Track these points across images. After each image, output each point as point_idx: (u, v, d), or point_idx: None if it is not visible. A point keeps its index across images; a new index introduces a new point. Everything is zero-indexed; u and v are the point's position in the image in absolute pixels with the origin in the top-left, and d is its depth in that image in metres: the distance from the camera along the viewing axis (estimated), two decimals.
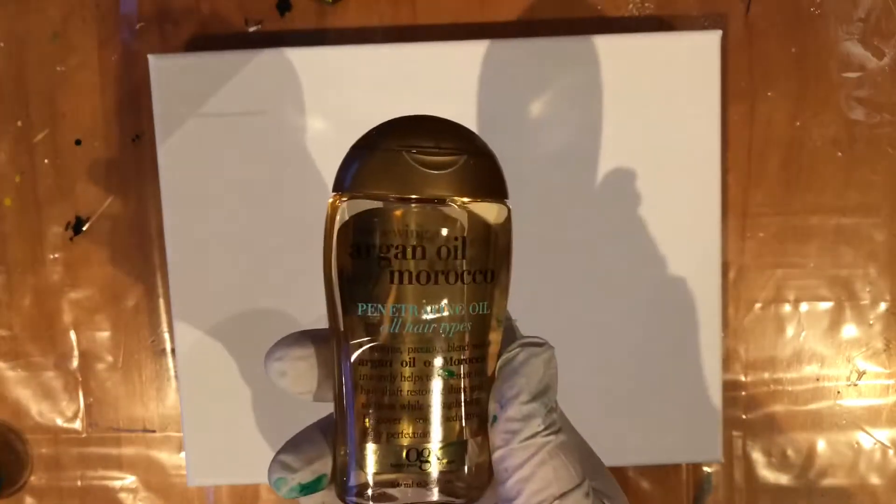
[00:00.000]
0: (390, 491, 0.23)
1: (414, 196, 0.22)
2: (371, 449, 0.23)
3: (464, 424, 0.23)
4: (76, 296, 0.50)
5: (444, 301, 0.22)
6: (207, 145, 0.46)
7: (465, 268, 0.23)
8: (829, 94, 0.49)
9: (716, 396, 0.47)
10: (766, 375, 0.50)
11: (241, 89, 0.45)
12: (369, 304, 0.22)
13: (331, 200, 0.24)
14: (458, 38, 0.46)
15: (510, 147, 0.46)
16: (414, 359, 0.22)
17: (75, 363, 0.50)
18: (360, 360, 0.23)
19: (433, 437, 0.23)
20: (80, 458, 0.51)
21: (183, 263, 0.46)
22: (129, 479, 0.51)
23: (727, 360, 0.50)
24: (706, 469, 0.50)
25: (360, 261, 0.23)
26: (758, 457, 0.50)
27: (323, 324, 0.25)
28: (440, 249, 0.22)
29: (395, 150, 0.22)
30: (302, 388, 0.25)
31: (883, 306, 0.50)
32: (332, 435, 0.25)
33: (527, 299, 0.46)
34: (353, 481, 0.23)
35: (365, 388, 0.23)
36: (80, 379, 0.50)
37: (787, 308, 0.50)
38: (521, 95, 0.46)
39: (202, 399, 0.47)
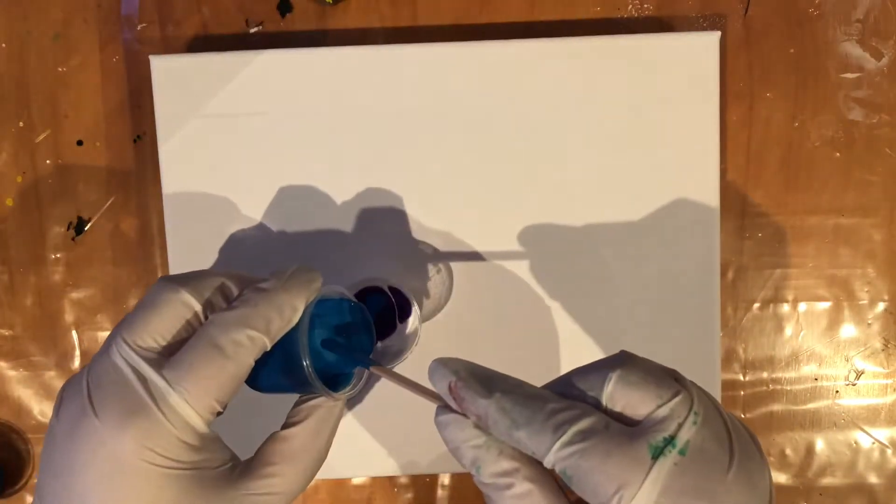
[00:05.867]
0: None
1: None
2: None
3: None
4: (78, 296, 0.50)
5: None
6: (208, 146, 0.46)
7: None
8: (827, 95, 0.49)
9: (714, 396, 0.47)
10: (765, 375, 0.50)
11: (243, 90, 0.46)
12: None
13: None
14: (459, 40, 0.46)
15: (510, 147, 0.46)
16: None
17: (77, 363, 0.51)
18: None
19: None
20: None
21: (184, 263, 0.46)
22: None
23: (726, 360, 0.50)
24: None
25: None
26: None
27: None
28: None
29: None
30: None
31: (881, 306, 0.50)
32: None
33: (526, 299, 0.47)
34: None
35: None
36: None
37: (785, 308, 0.50)
38: (521, 96, 0.46)
39: None
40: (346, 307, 0.35)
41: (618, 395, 0.25)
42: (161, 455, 0.27)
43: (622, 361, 0.26)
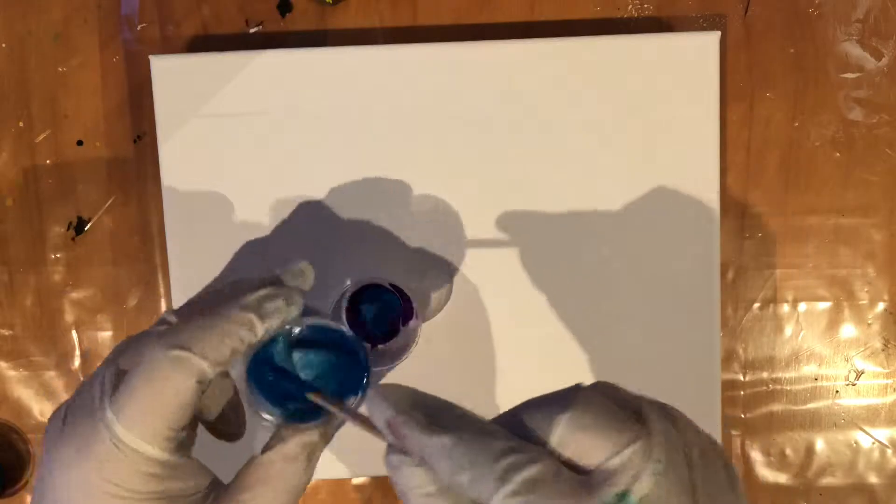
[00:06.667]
0: None
1: None
2: None
3: None
4: (78, 296, 0.50)
5: None
6: (208, 145, 0.46)
7: None
8: (827, 95, 0.49)
9: (714, 396, 0.47)
10: (765, 375, 0.50)
11: (243, 90, 0.46)
12: None
13: None
14: (459, 40, 0.46)
15: (510, 147, 0.46)
16: None
17: (77, 363, 0.51)
18: None
19: None
20: None
21: (184, 263, 0.46)
22: None
23: (726, 360, 0.50)
24: None
25: None
26: (756, 456, 0.51)
27: None
28: None
29: None
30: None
31: (881, 306, 0.50)
32: None
33: (525, 299, 0.47)
34: None
35: None
36: (82, 379, 0.50)
37: (785, 308, 0.50)
38: (522, 96, 0.46)
39: None
40: (328, 336, 0.33)
41: (568, 439, 0.22)
42: (120, 486, 0.27)
43: (575, 400, 0.23)
